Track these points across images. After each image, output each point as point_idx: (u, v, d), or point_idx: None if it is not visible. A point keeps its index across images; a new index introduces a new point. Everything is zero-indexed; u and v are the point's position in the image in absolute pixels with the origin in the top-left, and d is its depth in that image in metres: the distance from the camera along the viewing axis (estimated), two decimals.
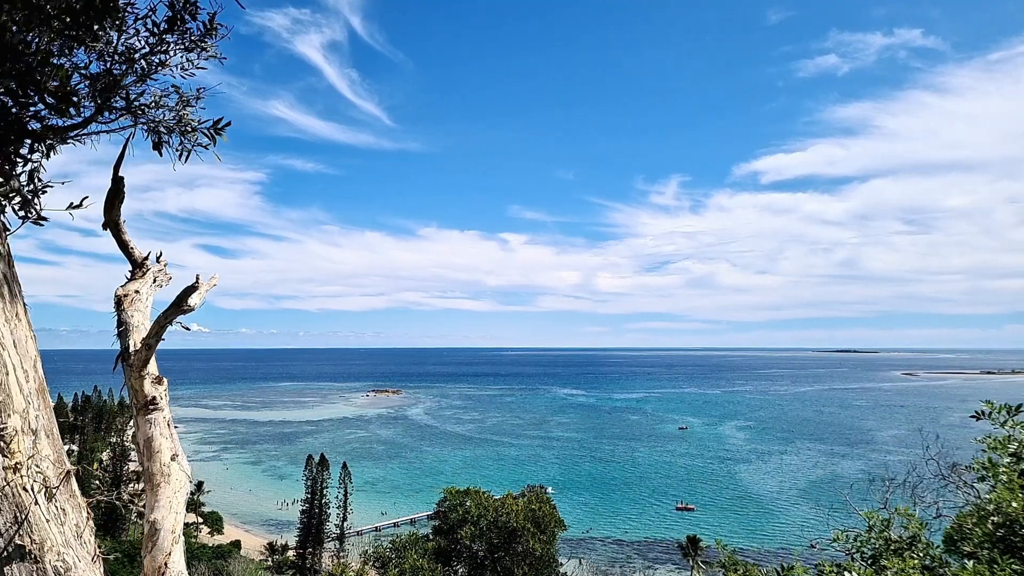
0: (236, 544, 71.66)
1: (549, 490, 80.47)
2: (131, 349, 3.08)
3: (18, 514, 2.21)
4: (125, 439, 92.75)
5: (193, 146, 2.78)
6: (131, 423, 3.37)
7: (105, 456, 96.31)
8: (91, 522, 2.46)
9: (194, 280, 3.01)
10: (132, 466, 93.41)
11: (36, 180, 2.35)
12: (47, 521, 2.29)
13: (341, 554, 69.56)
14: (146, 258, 3.68)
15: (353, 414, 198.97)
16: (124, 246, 3.55)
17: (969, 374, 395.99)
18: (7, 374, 2.33)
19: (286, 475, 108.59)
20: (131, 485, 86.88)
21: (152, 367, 3.13)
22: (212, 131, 2.75)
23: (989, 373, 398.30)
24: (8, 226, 2.38)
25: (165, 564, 2.78)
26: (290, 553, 70.64)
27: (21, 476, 2.25)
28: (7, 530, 2.17)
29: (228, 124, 2.76)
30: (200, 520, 78.36)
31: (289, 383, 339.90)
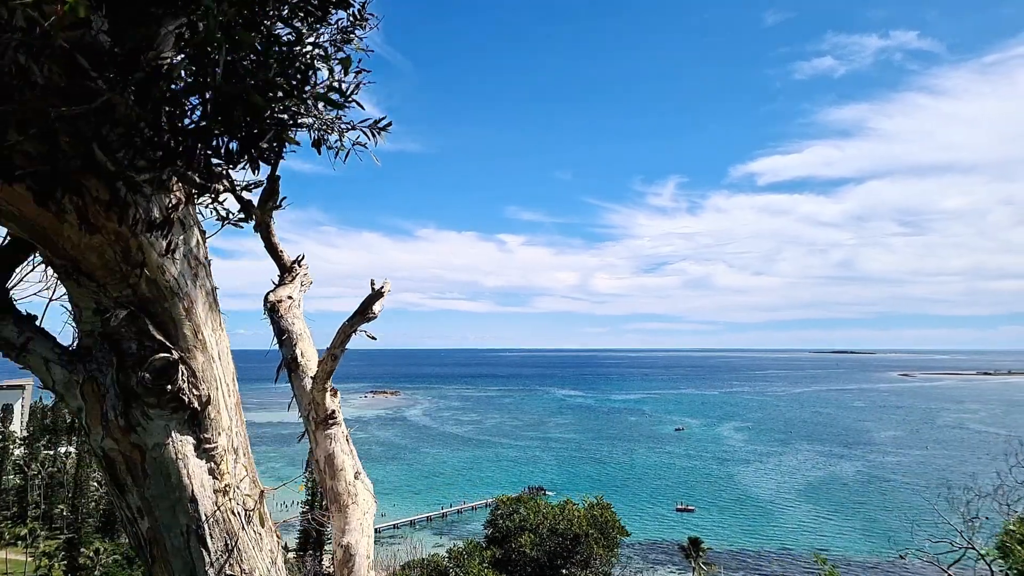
0: None
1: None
2: (299, 358, 2.93)
3: (228, 541, 2.03)
4: None
5: (352, 145, 2.61)
6: (305, 438, 3.11)
7: None
8: (280, 546, 2.31)
9: (377, 286, 2.85)
10: None
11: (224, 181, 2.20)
12: (252, 547, 2.15)
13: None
14: (295, 261, 3.52)
15: (352, 415, 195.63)
16: (273, 249, 3.38)
17: (965, 375, 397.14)
18: (216, 388, 2.16)
19: (285, 477, 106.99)
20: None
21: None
22: (372, 130, 2.58)
23: (986, 374, 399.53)
24: (204, 230, 2.23)
25: None
26: (290, 555, 70.25)
27: (230, 499, 2.09)
28: (218, 559, 2.00)
29: (389, 124, 2.59)
30: None
31: (287, 384, 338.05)
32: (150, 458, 1.98)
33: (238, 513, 2.10)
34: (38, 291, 2.20)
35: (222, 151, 1.86)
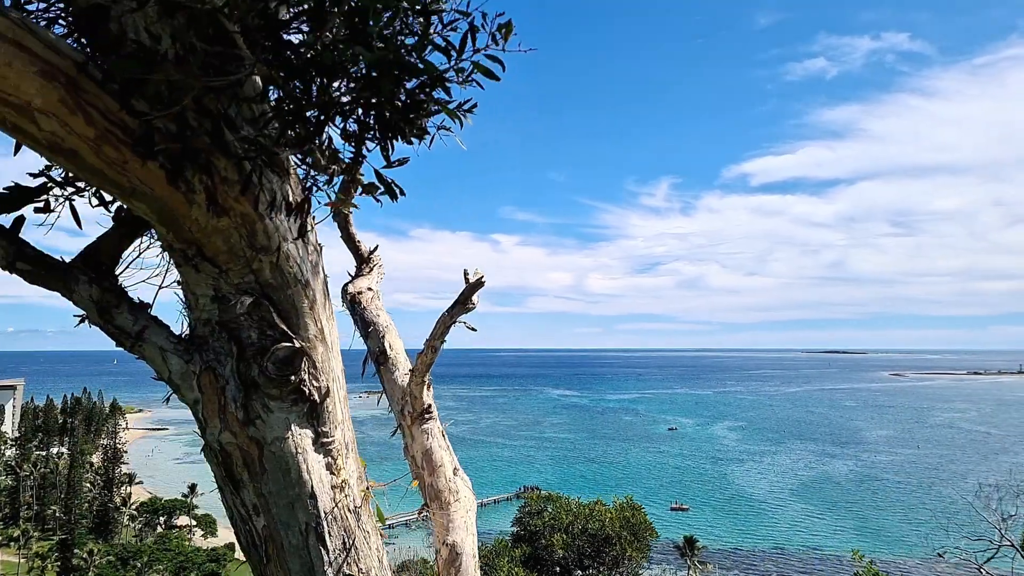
0: (230, 547, 70.63)
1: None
2: (388, 351, 2.84)
3: (346, 539, 1.92)
4: (117, 441, 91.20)
5: (438, 129, 2.47)
6: (397, 433, 2.97)
7: (96, 459, 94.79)
8: (384, 546, 2.22)
9: (472, 277, 2.76)
10: (124, 468, 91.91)
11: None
12: (365, 545, 2.04)
13: None
14: (371, 252, 3.42)
15: None
16: (351, 240, 3.29)
17: (956, 375, 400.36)
18: (333, 380, 2.05)
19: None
20: (123, 488, 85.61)
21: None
22: (458, 112, 2.44)
23: (976, 374, 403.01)
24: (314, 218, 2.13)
25: None
26: None
27: (346, 496, 1.99)
28: (336, 558, 1.89)
29: (475, 105, 2.45)
30: (193, 523, 77.21)
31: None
32: (268, 452, 1.87)
33: (353, 510, 2.01)
34: (147, 278, 2.10)
35: (371, 128, 1.77)
